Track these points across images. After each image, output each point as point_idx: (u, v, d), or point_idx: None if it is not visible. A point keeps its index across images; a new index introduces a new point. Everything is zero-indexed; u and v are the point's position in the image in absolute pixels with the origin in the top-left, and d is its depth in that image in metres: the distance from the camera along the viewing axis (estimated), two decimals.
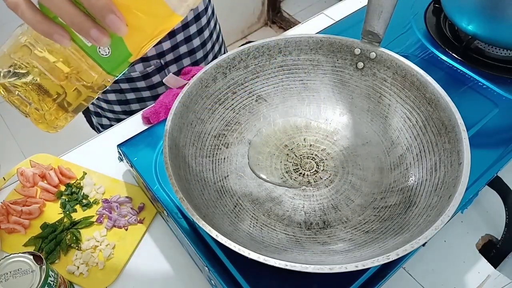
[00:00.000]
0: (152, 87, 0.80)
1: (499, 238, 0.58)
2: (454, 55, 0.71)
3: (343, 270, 0.37)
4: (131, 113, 0.83)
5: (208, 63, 0.86)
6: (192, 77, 0.64)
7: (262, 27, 2.36)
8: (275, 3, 2.30)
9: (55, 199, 0.62)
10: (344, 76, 0.59)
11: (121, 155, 0.61)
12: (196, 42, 0.79)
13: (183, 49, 0.78)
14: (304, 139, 0.59)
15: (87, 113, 0.94)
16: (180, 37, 0.75)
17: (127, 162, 0.60)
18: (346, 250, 0.46)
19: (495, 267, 0.56)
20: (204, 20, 0.79)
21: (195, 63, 0.82)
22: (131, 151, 0.59)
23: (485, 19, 0.67)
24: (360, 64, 0.57)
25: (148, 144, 0.60)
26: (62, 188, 0.63)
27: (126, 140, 0.61)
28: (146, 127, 0.63)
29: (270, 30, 2.35)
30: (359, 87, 0.58)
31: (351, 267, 0.37)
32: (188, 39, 0.77)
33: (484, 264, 0.57)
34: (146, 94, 0.81)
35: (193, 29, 0.77)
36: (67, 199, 0.62)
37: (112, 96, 0.81)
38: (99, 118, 0.89)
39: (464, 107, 0.48)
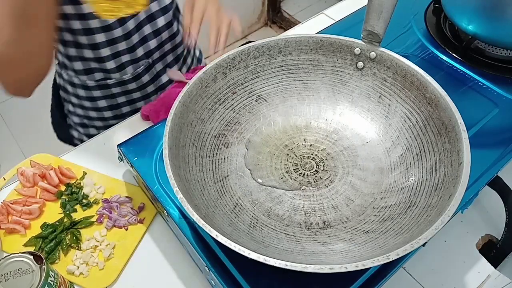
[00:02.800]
0: (142, 87, 0.82)
1: (499, 238, 0.58)
2: (454, 55, 0.71)
3: (343, 270, 0.37)
4: (122, 116, 0.84)
5: (193, 57, 0.89)
6: None
7: (262, 27, 2.36)
8: (275, 3, 2.29)
9: (55, 199, 0.62)
10: (344, 76, 0.59)
11: (121, 155, 0.61)
12: (179, 38, 0.83)
13: (167, 46, 0.81)
14: (304, 139, 0.59)
15: (67, 137, 0.93)
16: (165, 35, 0.78)
17: (127, 162, 0.60)
18: (346, 250, 0.46)
19: (495, 267, 0.56)
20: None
21: (177, 58, 0.85)
22: (131, 151, 0.59)
23: (485, 19, 0.67)
24: (360, 64, 0.57)
25: (148, 144, 0.60)
26: (62, 188, 0.63)
27: (126, 140, 0.61)
28: (146, 127, 0.63)
29: (270, 30, 2.35)
30: (359, 87, 0.58)
31: (351, 267, 0.37)
32: (172, 37, 0.80)
33: (484, 264, 0.57)
34: (136, 95, 0.82)
35: (175, 26, 0.80)
36: (67, 199, 0.62)
37: (102, 103, 0.82)
38: (85, 129, 0.89)
39: (464, 107, 0.48)
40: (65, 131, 0.93)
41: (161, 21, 0.76)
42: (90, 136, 0.88)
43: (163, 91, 0.84)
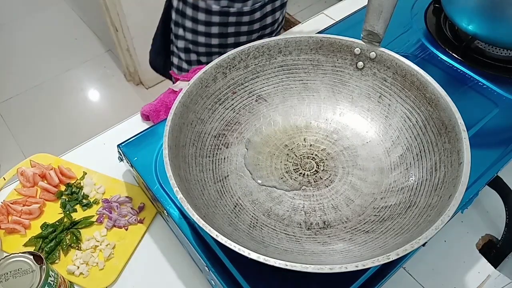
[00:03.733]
0: (251, 23, 0.87)
1: (499, 238, 0.58)
2: (454, 55, 0.71)
3: (343, 270, 0.37)
4: (224, 46, 0.89)
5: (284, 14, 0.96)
6: None
7: None
8: None
9: (55, 199, 0.62)
10: (344, 76, 0.59)
11: (121, 155, 0.61)
12: None
13: None
14: (304, 139, 0.59)
15: (161, 65, 0.99)
16: None
17: (127, 162, 0.60)
18: (346, 250, 0.46)
19: (495, 267, 0.56)
20: None
21: (282, 5, 0.90)
22: (131, 151, 0.59)
23: (485, 19, 0.67)
24: (360, 64, 0.57)
25: (148, 144, 0.60)
26: (62, 188, 0.63)
27: (126, 140, 0.61)
28: (146, 127, 0.63)
29: None
30: (359, 87, 0.58)
31: (351, 267, 0.37)
32: None
33: (484, 264, 0.57)
34: (243, 29, 0.87)
35: None
36: (67, 199, 0.62)
37: (215, 29, 0.87)
38: (187, 55, 0.93)
39: (464, 107, 0.48)
40: (162, 59, 0.99)
41: None
42: (189, 62, 0.95)
43: (264, 31, 0.90)
